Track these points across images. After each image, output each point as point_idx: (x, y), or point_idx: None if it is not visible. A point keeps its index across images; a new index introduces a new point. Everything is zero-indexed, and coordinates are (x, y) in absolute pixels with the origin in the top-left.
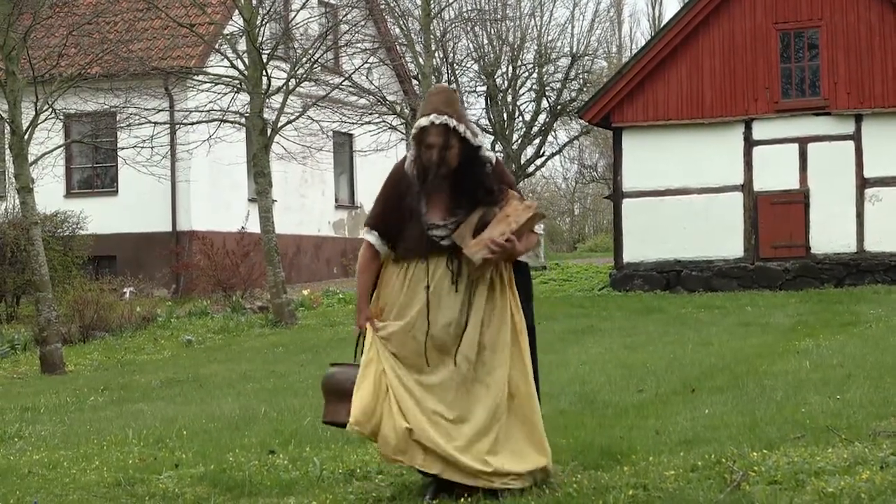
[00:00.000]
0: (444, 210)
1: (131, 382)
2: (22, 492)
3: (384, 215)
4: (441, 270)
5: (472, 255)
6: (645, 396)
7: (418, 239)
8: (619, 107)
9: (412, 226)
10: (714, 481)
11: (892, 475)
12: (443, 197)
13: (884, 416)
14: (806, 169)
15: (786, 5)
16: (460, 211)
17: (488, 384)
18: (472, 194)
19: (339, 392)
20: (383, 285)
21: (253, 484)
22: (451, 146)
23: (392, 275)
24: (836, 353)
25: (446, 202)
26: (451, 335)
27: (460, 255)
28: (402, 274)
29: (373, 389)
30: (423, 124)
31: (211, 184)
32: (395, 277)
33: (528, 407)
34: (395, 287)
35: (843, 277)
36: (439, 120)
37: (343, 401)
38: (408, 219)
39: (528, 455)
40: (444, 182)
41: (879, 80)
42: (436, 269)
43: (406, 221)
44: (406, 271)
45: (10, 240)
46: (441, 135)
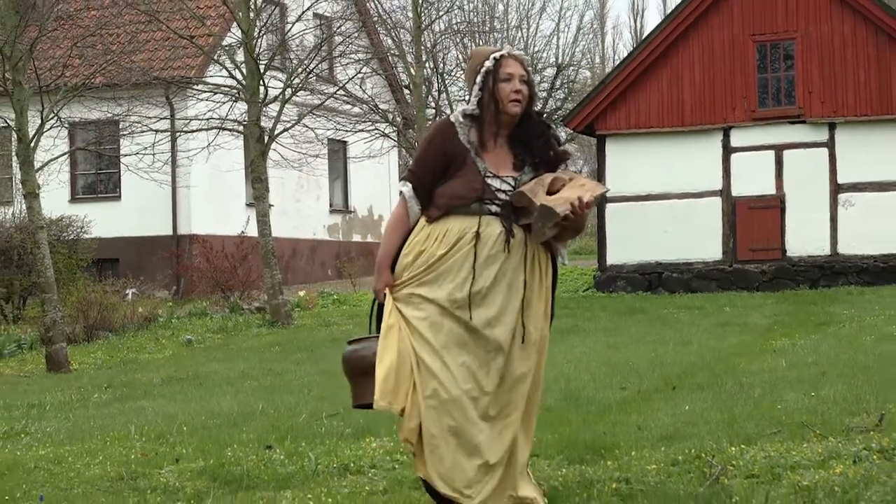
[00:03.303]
0: (506, 166)
1: (133, 380)
2: (28, 486)
3: (423, 163)
4: (493, 228)
5: (556, 205)
6: (627, 394)
7: (472, 186)
8: (603, 115)
9: (464, 173)
10: (694, 475)
11: (864, 469)
12: (501, 152)
13: (856, 412)
14: (782, 175)
15: (762, 18)
16: (527, 169)
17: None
18: (537, 150)
19: (360, 370)
20: (411, 244)
21: (251, 478)
22: (528, 82)
23: (426, 232)
24: (810, 351)
25: (506, 157)
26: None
27: (520, 217)
28: (443, 230)
29: (397, 358)
30: (498, 53)
31: (210, 189)
32: (435, 235)
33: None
34: (430, 243)
35: (818, 279)
36: (516, 52)
37: (366, 379)
38: (458, 165)
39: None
40: (503, 136)
41: (852, 90)
42: (485, 226)
43: (455, 169)
44: (449, 226)
45: (16, 243)
46: (520, 66)
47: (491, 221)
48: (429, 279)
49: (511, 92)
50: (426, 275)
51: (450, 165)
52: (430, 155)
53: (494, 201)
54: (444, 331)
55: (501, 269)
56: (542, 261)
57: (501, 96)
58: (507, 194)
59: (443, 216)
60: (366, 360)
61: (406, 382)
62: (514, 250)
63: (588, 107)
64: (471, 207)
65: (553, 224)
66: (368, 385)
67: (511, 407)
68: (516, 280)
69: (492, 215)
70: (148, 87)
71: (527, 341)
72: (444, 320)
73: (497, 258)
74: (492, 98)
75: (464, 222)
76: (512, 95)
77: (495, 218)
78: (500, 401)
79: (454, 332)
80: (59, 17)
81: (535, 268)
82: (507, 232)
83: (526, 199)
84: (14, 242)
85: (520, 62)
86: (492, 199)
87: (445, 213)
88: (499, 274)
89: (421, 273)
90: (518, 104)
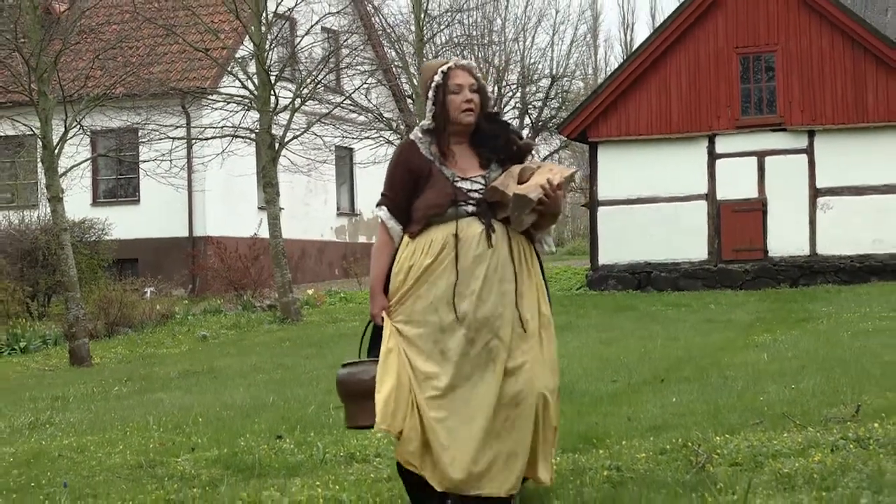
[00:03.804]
0: (473, 168)
1: (152, 374)
2: (53, 473)
3: (393, 184)
4: (473, 228)
5: (528, 191)
6: (618, 386)
7: (444, 193)
8: (595, 123)
9: (433, 184)
10: (681, 463)
11: (841, 457)
12: (465, 156)
13: (834, 403)
14: (764, 180)
15: (745, 31)
16: (494, 166)
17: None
18: (499, 148)
19: (358, 394)
20: (401, 262)
21: (262, 466)
22: (479, 89)
23: (411, 248)
24: (791, 346)
25: (471, 160)
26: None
27: (498, 212)
28: (426, 241)
29: (396, 382)
30: (446, 67)
31: (224, 193)
32: (419, 248)
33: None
34: (417, 256)
35: (798, 278)
36: (463, 61)
37: (362, 402)
38: (426, 178)
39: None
40: (463, 141)
41: (830, 100)
42: (464, 227)
43: (424, 182)
44: (432, 237)
45: (41, 244)
46: (468, 75)
47: (471, 222)
48: (423, 291)
49: (462, 102)
50: (419, 287)
51: (418, 180)
52: (398, 175)
53: (469, 202)
54: (448, 343)
55: (490, 265)
56: (526, 251)
57: (452, 108)
58: (479, 193)
59: (423, 229)
60: (363, 384)
61: (404, 406)
62: (498, 245)
63: (581, 115)
64: (447, 213)
65: (530, 210)
66: (363, 408)
67: (519, 397)
68: (507, 273)
69: (470, 216)
70: (165, 97)
71: (526, 329)
72: (447, 333)
73: (484, 257)
74: (442, 110)
75: (444, 230)
76: (463, 106)
77: (474, 218)
78: (506, 402)
79: (457, 340)
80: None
81: (522, 258)
82: (488, 228)
83: (499, 192)
84: (39, 244)
85: (468, 71)
86: (466, 201)
87: (426, 226)
88: (489, 271)
89: (413, 286)
90: (470, 113)
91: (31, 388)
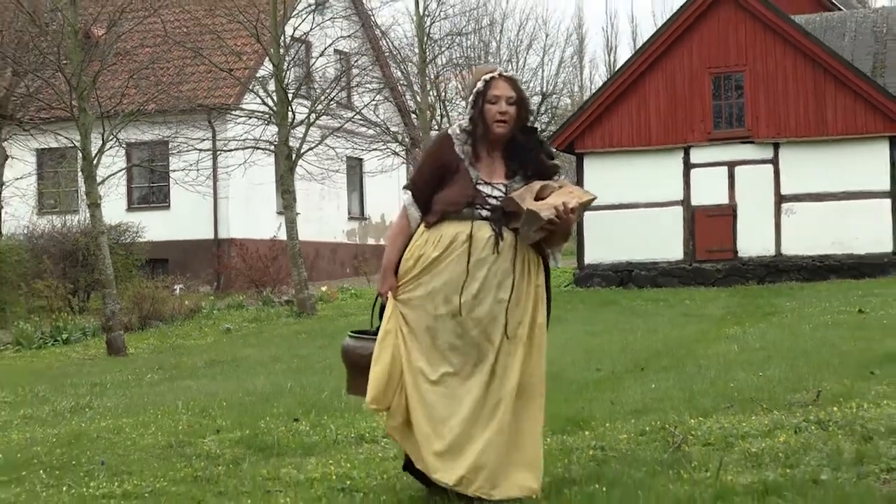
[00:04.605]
0: (498, 174)
1: (180, 363)
2: (92, 452)
3: (421, 172)
4: (483, 232)
5: (541, 209)
6: (602, 374)
7: (464, 192)
8: (581, 136)
9: (457, 181)
10: (659, 443)
11: (804, 438)
12: (495, 162)
13: (797, 389)
14: (734, 187)
15: (717, 53)
16: (518, 178)
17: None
18: (528, 162)
19: (357, 365)
20: (412, 249)
21: (280, 446)
22: (517, 102)
23: (424, 237)
24: (758, 338)
25: (500, 169)
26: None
27: (510, 221)
28: (437, 235)
29: (390, 362)
30: (489, 76)
31: (246, 199)
32: (430, 239)
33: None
34: (428, 247)
35: (764, 276)
36: (507, 73)
37: (361, 373)
38: (453, 173)
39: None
40: (497, 149)
41: (793, 115)
42: (477, 230)
43: (450, 177)
44: (443, 231)
45: (81, 246)
46: (509, 87)
47: (482, 226)
48: (425, 280)
49: (496, 114)
50: (423, 276)
51: (445, 174)
52: (428, 164)
53: (485, 206)
54: (443, 332)
55: (491, 270)
56: (531, 263)
57: (487, 118)
58: (497, 200)
59: (438, 222)
60: (362, 359)
61: (395, 384)
62: (503, 253)
63: (568, 129)
64: (462, 212)
65: (538, 228)
66: (361, 379)
67: (502, 400)
68: (506, 281)
69: (482, 220)
70: (193, 113)
71: (511, 336)
72: (438, 322)
73: (486, 261)
74: (480, 117)
75: (456, 227)
76: (497, 117)
77: (486, 222)
78: (491, 397)
79: (447, 333)
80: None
81: (525, 270)
82: (496, 235)
83: (514, 203)
84: (79, 245)
85: (510, 83)
86: (482, 205)
87: (440, 219)
88: (489, 275)
89: (419, 274)
90: (503, 125)
91: (72, 375)
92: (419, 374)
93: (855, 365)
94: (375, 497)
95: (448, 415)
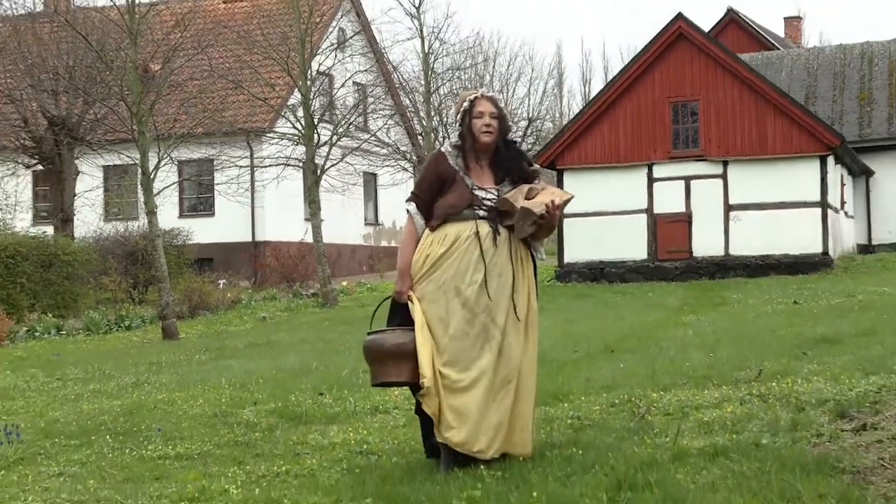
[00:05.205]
0: (489, 181)
1: (223, 346)
2: (150, 420)
3: (422, 185)
4: (484, 229)
5: (533, 206)
6: (579, 355)
7: (463, 197)
8: (561, 155)
9: (455, 189)
10: (626, 414)
11: (747, 409)
12: (484, 171)
13: (742, 368)
14: (689, 198)
15: (676, 85)
16: (506, 183)
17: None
18: (513, 169)
19: (378, 356)
20: (421, 250)
21: (308, 416)
22: (498, 116)
23: (430, 238)
24: (710, 325)
25: (489, 176)
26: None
27: (504, 219)
28: (442, 234)
29: (430, 351)
30: (473, 96)
31: (278, 208)
32: (435, 239)
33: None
34: (433, 246)
35: (715, 273)
36: (489, 92)
37: (389, 363)
38: (450, 183)
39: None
40: (484, 159)
41: (740, 137)
42: (479, 227)
43: (448, 188)
44: (447, 231)
45: (140, 247)
46: (490, 104)
47: (481, 224)
48: (436, 275)
49: (482, 126)
50: (433, 271)
51: (443, 184)
52: (428, 178)
53: (482, 207)
54: (454, 320)
55: (492, 261)
56: (523, 255)
57: (474, 130)
58: (491, 202)
59: (441, 224)
60: (382, 349)
61: (434, 367)
62: (500, 246)
63: (550, 148)
64: (463, 214)
65: (531, 222)
66: (388, 369)
67: (509, 375)
68: (506, 270)
69: (481, 219)
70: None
71: (519, 317)
72: (453, 311)
73: (488, 253)
74: (468, 132)
75: (458, 226)
76: (483, 129)
77: (484, 221)
78: (500, 371)
79: (458, 321)
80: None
81: (519, 260)
82: (494, 230)
83: (508, 203)
84: (139, 247)
85: (491, 101)
86: (479, 206)
87: (443, 221)
88: (491, 265)
89: (429, 271)
90: (489, 134)
91: (133, 356)
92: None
93: (790, 347)
94: (387, 458)
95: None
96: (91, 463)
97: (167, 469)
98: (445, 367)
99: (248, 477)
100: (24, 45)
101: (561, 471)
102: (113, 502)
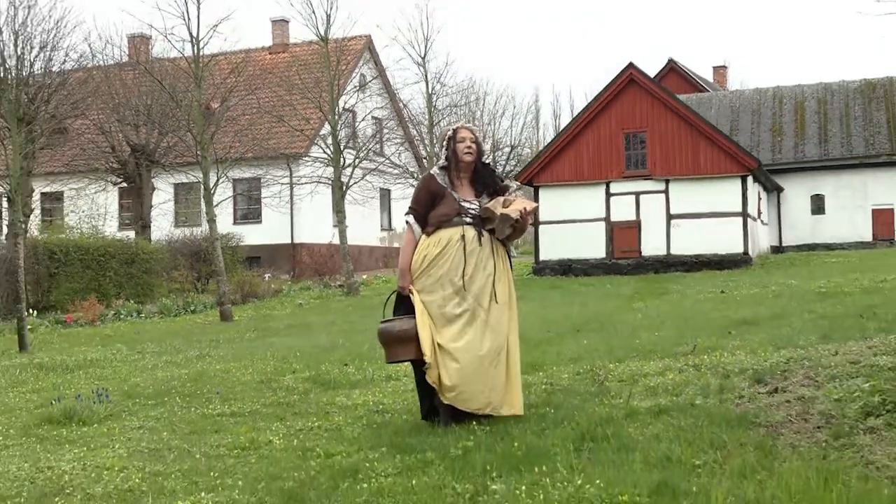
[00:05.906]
0: (470, 195)
1: (269, 327)
2: (211, 385)
3: (418, 200)
4: (471, 232)
5: (510, 212)
6: (551, 334)
7: (452, 208)
8: (538, 174)
9: (445, 202)
10: (589, 380)
11: (684, 377)
12: (466, 187)
13: (681, 344)
14: (639, 209)
15: (628, 119)
16: (484, 196)
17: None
18: (488, 185)
19: (390, 340)
20: (419, 251)
21: (336, 382)
22: (476, 142)
23: (426, 242)
24: (655, 310)
25: (470, 190)
26: (479, 279)
27: (486, 224)
28: (436, 238)
29: (429, 331)
30: (455, 127)
31: (312, 217)
32: (431, 242)
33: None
34: (430, 248)
35: (659, 268)
36: (467, 124)
37: (394, 345)
38: (440, 198)
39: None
40: (465, 177)
41: (679, 161)
42: (466, 231)
43: (438, 202)
44: (440, 236)
45: (203, 248)
46: (469, 132)
47: (468, 229)
48: (433, 271)
49: (464, 148)
50: (431, 268)
51: (434, 199)
52: (422, 195)
53: (468, 215)
54: (449, 305)
55: (479, 257)
56: (502, 252)
57: (458, 151)
58: (474, 211)
59: (435, 230)
60: (392, 334)
61: (432, 346)
62: (484, 245)
63: (529, 170)
64: (453, 221)
65: (509, 226)
66: (395, 349)
67: (498, 346)
68: (489, 264)
69: (468, 224)
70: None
71: (499, 301)
72: (448, 298)
73: (475, 251)
74: (453, 154)
75: (449, 231)
76: (464, 150)
77: (470, 226)
78: (491, 343)
79: (452, 306)
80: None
81: (499, 256)
82: (478, 233)
83: (489, 211)
84: (202, 248)
85: (469, 130)
86: (465, 214)
87: (437, 228)
88: (478, 261)
89: (426, 268)
90: (470, 154)
91: (197, 334)
92: (440, 340)
93: (718, 327)
94: (398, 416)
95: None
96: (164, 419)
97: (224, 424)
98: (443, 341)
99: (288, 430)
100: (113, 88)
101: (537, 426)
102: (181, 450)
